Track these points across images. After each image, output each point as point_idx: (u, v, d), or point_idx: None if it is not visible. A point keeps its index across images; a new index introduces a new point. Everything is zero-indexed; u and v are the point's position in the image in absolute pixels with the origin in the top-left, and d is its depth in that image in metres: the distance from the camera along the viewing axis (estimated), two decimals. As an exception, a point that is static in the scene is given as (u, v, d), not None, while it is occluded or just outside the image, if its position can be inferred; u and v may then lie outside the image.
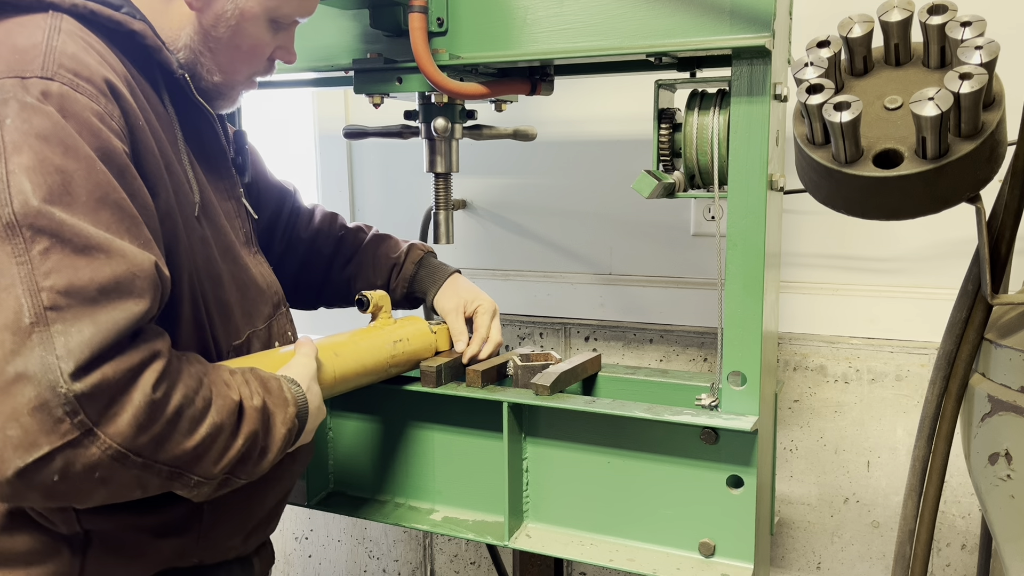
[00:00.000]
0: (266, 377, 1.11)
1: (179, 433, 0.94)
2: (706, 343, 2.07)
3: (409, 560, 2.52)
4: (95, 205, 0.90)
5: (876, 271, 1.90)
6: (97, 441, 0.87)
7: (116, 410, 0.88)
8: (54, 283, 0.86)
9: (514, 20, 1.42)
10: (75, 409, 0.85)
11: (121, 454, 0.89)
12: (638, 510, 1.44)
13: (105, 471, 0.89)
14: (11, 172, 0.87)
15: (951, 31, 1.05)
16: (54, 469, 0.86)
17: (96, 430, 0.86)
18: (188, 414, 0.95)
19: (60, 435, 0.85)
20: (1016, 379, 1.14)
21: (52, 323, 0.85)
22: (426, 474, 1.60)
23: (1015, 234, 1.16)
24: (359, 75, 1.56)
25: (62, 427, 0.85)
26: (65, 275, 0.86)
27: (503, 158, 2.21)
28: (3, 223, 0.86)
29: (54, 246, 0.87)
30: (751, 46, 1.26)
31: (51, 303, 0.85)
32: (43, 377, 0.84)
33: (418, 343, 1.53)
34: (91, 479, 0.88)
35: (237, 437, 1.02)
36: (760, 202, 1.31)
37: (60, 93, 0.92)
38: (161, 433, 0.92)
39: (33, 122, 0.90)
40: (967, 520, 1.89)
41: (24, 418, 0.84)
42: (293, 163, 2.65)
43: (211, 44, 1.15)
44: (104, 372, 0.87)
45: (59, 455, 0.85)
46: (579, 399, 1.45)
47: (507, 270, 2.26)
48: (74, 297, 0.86)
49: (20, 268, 0.85)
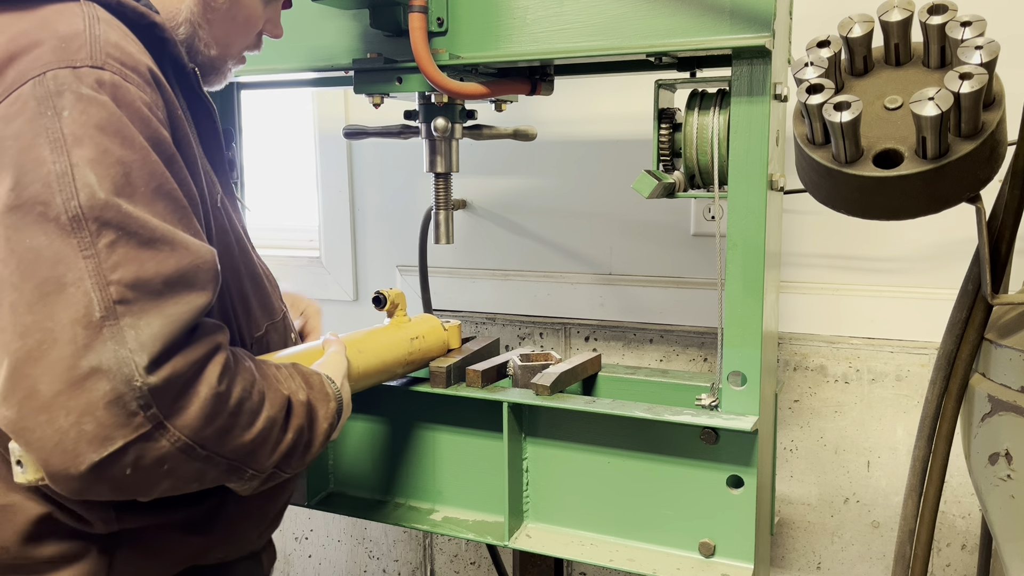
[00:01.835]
0: (307, 372, 1.12)
1: (239, 426, 0.95)
2: (706, 343, 2.07)
3: (409, 560, 2.52)
4: (152, 196, 0.90)
5: (876, 271, 1.90)
6: (167, 434, 0.87)
7: (184, 403, 0.89)
8: (122, 276, 0.86)
9: (514, 20, 1.42)
10: (148, 402, 0.85)
11: (188, 446, 0.90)
12: (638, 510, 1.44)
13: (172, 463, 0.89)
14: (75, 165, 0.86)
15: (951, 31, 1.05)
16: (126, 462, 0.86)
17: (167, 423, 0.87)
18: (247, 407, 0.96)
19: (134, 428, 0.85)
20: (1016, 379, 1.14)
21: (121, 316, 0.85)
22: (426, 474, 1.60)
23: (1015, 234, 1.16)
24: (359, 75, 1.56)
25: (136, 420, 0.85)
26: (132, 268, 0.87)
27: (503, 158, 2.21)
28: (69, 216, 0.85)
29: (120, 239, 0.87)
30: (751, 46, 1.26)
31: (119, 297, 0.85)
32: (118, 371, 0.84)
33: (432, 340, 1.55)
34: (159, 471, 0.89)
35: (288, 431, 1.03)
36: (760, 202, 1.31)
37: (112, 82, 0.92)
38: (224, 426, 0.93)
39: (90, 113, 0.89)
40: (967, 520, 1.89)
41: (99, 412, 0.84)
42: (293, 163, 2.65)
43: (209, 16, 1.15)
44: (175, 365, 0.87)
45: (132, 448, 0.86)
46: (579, 399, 1.45)
47: (507, 270, 2.26)
48: (141, 290, 0.87)
49: (87, 262, 0.85)
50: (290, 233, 2.64)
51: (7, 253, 0.86)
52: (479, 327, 2.31)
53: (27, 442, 0.85)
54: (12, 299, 0.85)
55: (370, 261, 2.44)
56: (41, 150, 0.87)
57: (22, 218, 0.86)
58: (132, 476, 0.87)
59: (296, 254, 2.58)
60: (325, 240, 2.48)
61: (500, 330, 2.29)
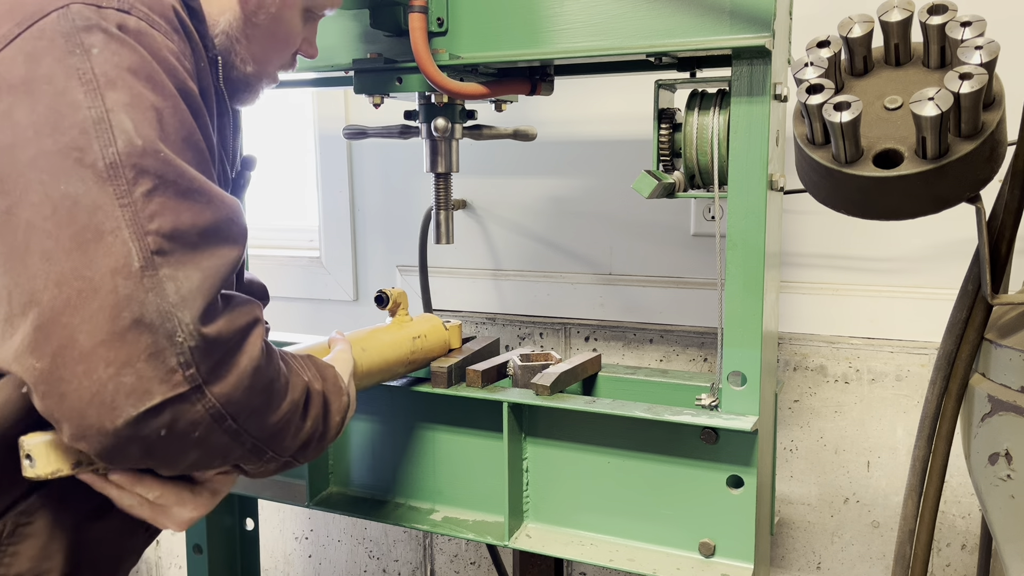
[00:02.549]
0: (321, 365, 1.10)
1: (270, 406, 0.93)
2: (706, 343, 2.07)
3: (409, 560, 2.52)
4: (183, 146, 0.88)
5: (876, 271, 1.90)
6: (204, 399, 0.85)
7: (225, 371, 0.86)
8: (159, 226, 0.83)
9: (514, 20, 1.42)
10: (189, 361, 0.83)
11: (221, 415, 0.87)
12: (638, 510, 1.44)
13: (204, 431, 0.87)
14: (110, 110, 0.84)
15: (951, 31, 1.05)
16: (162, 422, 0.83)
17: (204, 387, 0.85)
18: (277, 388, 0.94)
19: (172, 386, 0.82)
20: (1016, 379, 1.14)
21: (160, 267, 0.82)
22: (426, 474, 1.60)
23: (1015, 234, 1.16)
24: (359, 75, 1.56)
25: (175, 377, 0.82)
26: (169, 218, 0.84)
27: (503, 158, 2.21)
28: (107, 163, 0.83)
29: (157, 188, 0.84)
30: (751, 46, 1.26)
31: (157, 247, 0.83)
32: (161, 325, 0.81)
33: (434, 340, 1.55)
34: (191, 438, 0.86)
35: (307, 419, 1.01)
36: (760, 202, 1.31)
37: (138, 28, 0.89)
38: (257, 403, 0.91)
39: (122, 54, 0.86)
40: (967, 520, 1.89)
41: (140, 364, 0.81)
42: (293, 163, 2.65)
43: (249, 31, 1.13)
44: (219, 328, 0.85)
45: (169, 407, 0.83)
46: (579, 399, 1.45)
47: (507, 270, 2.26)
48: (178, 241, 0.84)
49: (124, 211, 0.82)
50: (290, 233, 2.64)
51: (41, 198, 0.83)
52: (479, 327, 2.31)
53: (61, 394, 0.81)
54: (46, 247, 0.82)
55: (370, 261, 2.44)
56: (75, 94, 0.84)
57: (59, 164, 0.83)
58: (165, 439, 0.84)
59: (296, 254, 2.58)
60: (325, 240, 2.48)
61: (500, 330, 2.29)
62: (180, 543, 2.82)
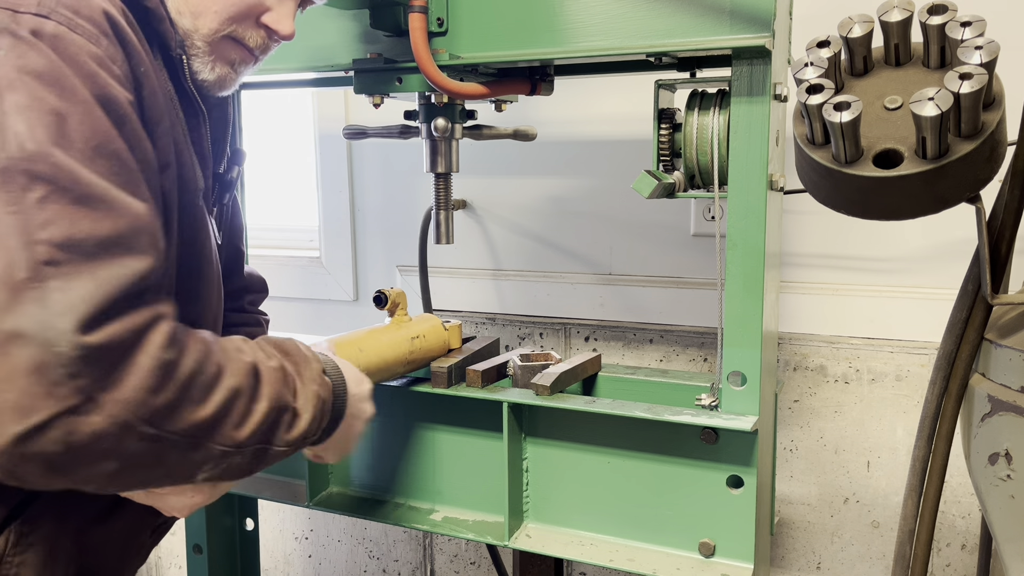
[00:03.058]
0: (279, 341, 1.05)
1: (191, 400, 0.86)
2: (706, 343, 2.07)
3: (409, 560, 2.52)
4: (92, 153, 0.83)
5: (876, 271, 1.90)
6: (99, 408, 0.79)
7: (121, 375, 0.80)
8: (51, 235, 0.78)
9: (514, 20, 1.42)
10: (74, 372, 0.77)
11: (127, 424, 0.81)
12: (638, 510, 1.44)
13: (111, 442, 0.81)
14: (5, 112, 0.80)
15: (951, 31, 1.05)
16: (54, 438, 0.78)
17: (98, 396, 0.79)
18: (200, 381, 0.88)
19: (58, 400, 0.77)
20: (1016, 379, 1.14)
21: (48, 279, 0.77)
22: (426, 474, 1.60)
23: (1015, 234, 1.16)
24: (359, 75, 1.56)
25: (60, 391, 0.77)
26: (63, 227, 0.79)
27: (503, 158, 2.21)
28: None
29: (51, 194, 0.79)
30: (751, 46, 1.26)
31: (47, 257, 0.78)
32: (40, 335, 0.76)
33: (433, 340, 1.54)
34: (97, 450, 0.81)
35: (258, 400, 0.94)
36: (760, 202, 1.31)
37: (54, 33, 0.85)
38: (172, 400, 0.84)
39: (28, 58, 0.82)
40: (967, 520, 1.89)
41: (20, 380, 0.76)
42: (293, 163, 2.65)
43: None
44: (108, 332, 0.79)
45: (58, 422, 0.77)
46: (579, 399, 1.45)
47: (507, 270, 2.26)
48: (72, 251, 0.79)
49: (14, 218, 0.78)
50: (290, 233, 2.64)
51: None
52: (479, 327, 2.31)
53: None
54: None
55: (370, 261, 2.44)
56: None
57: None
58: (65, 455, 0.79)
59: (296, 254, 2.58)
60: (325, 240, 2.48)
61: (500, 330, 2.29)
62: (180, 543, 2.82)
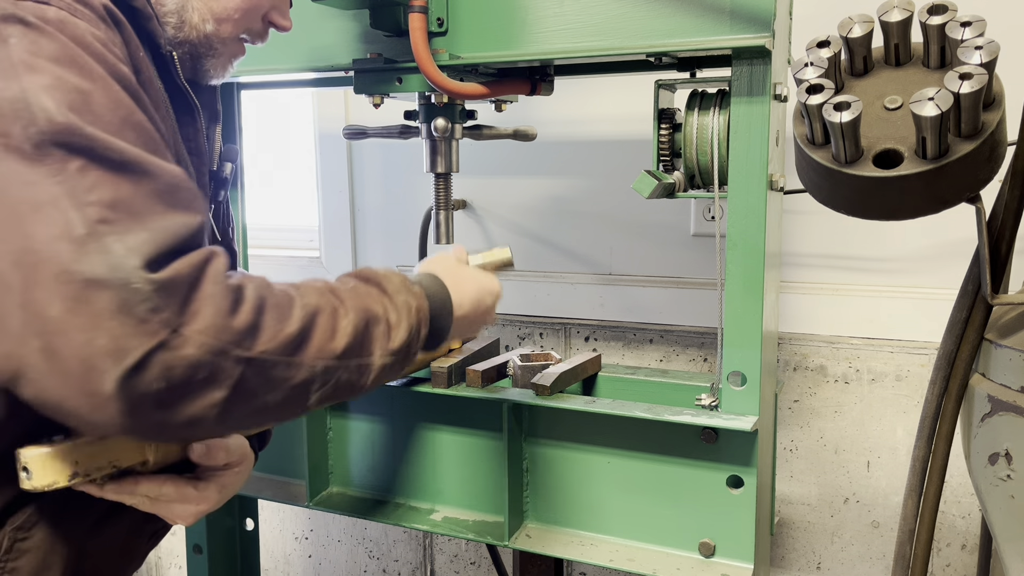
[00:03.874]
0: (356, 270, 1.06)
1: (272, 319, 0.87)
2: (706, 343, 2.07)
3: (409, 560, 2.52)
4: (119, 125, 0.85)
5: (876, 271, 1.90)
6: (187, 339, 0.80)
7: (196, 305, 0.81)
8: (99, 197, 0.80)
9: (514, 20, 1.42)
10: (156, 306, 0.78)
11: (217, 349, 0.82)
12: (638, 510, 1.44)
13: (209, 369, 0.81)
14: (28, 90, 0.81)
15: (951, 31, 1.05)
16: (154, 375, 0.78)
17: (183, 328, 0.80)
18: (273, 302, 0.88)
19: (148, 336, 0.78)
20: (1016, 379, 1.14)
21: (105, 235, 0.79)
22: (426, 474, 1.60)
23: (1015, 234, 1.16)
24: (359, 75, 1.56)
25: (148, 327, 0.78)
26: (107, 190, 0.81)
27: (503, 158, 2.21)
28: (32, 144, 0.80)
29: (89, 164, 0.81)
30: (751, 46, 1.26)
31: (100, 217, 0.79)
32: (114, 277, 0.77)
33: None
34: (197, 380, 0.81)
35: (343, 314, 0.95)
36: (760, 202, 1.31)
37: (58, 18, 0.86)
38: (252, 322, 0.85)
39: (41, 43, 0.83)
40: (967, 520, 1.89)
41: (107, 323, 0.77)
42: (293, 163, 2.65)
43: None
44: (172, 268, 0.81)
45: (154, 358, 0.78)
46: (579, 399, 1.45)
47: (507, 270, 2.26)
48: (121, 211, 0.81)
49: (61, 187, 0.79)
50: (290, 233, 2.64)
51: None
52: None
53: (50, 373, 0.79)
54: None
55: (370, 261, 2.44)
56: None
57: None
58: (169, 391, 0.80)
59: (296, 254, 2.58)
60: (325, 240, 2.48)
61: (500, 330, 2.29)
62: (180, 543, 2.82)
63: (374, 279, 1.05)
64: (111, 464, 0.94)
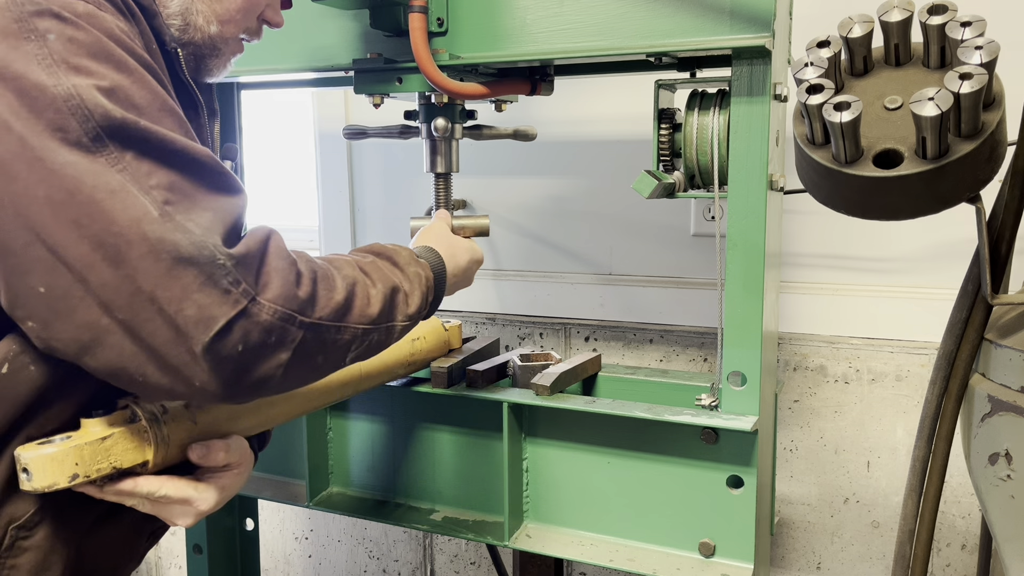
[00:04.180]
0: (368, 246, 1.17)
1: (325, 290, 0.98)
2: (706, 343, 2.07)
3: (409, 560, 2.52)
4: (158, 113, 0.90)
5: (876, 271, 1.90)
6: (262, 307, 0.89)
7: (267, 277, 0.91)
8: (159, 182, 0.87)
9: (514, 20, 1.42)
10: (236, 279, 0.88)
11: (287, 315, 0.91)
12: (638, 510, 1.44)
13: (279, 334, 0.91)
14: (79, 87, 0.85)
15: (951, 31, 1.05)
16: (236, 339, 0.88)
17: (259, 297, 0.89)
18: (321, 275, 0.98)
19: (231, 305, 0.87)
20: (1016, 379, 1.14)
21: (174, 215, 0.86)
22: (426, 474, 1.60)
23: (1015, 234, 1.16)
24: (359, 75, 1.56)
25: (231, 297, 0.87)
26: (164, 176, 0.87)
27: (503, 158, 2.21)
28: (89, 138, 0.85)
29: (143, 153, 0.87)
30: (751, 46, 1.26)
31: (164, 199, 0.86)
32: (198, 254, 0.85)
33: (433, 341, 1.55)
34: (269, 344, 0.91)
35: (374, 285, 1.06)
36: (760, 202, 1.31)
37: (88, 12, 0.90)
38: (311, 292, 0.95)
39: (78, 38, 0.87)
40: (967, 520, 1.89)
41: (196, 295, 0.85)
42: (293, 163, 2.65)
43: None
44: (243, 244, 0.90)
45: (236, 324, 0.87)
46: (579, 399, 1.45)
47: (507, 270, 2.26)
48: (180, 193, 0.87)
49: (123, 174, 0.85)
50: (290, 233, 2.63)
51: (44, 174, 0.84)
52: (479, 327, 2.31)
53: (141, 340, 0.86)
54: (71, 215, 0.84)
55: (370, 261, 2.44)
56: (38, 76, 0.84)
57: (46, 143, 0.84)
58: (247, 353, 0.89)
59: (296, 254, 2.58)
60: (325, 240, 2.48)
61: (500, 330, 2.29)
62: (180, 543, 2.82)
63: (385, 253, 1.16)
64: (111, 465, 0.94)
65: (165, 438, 0.99)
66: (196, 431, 1.03)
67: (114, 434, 0.94)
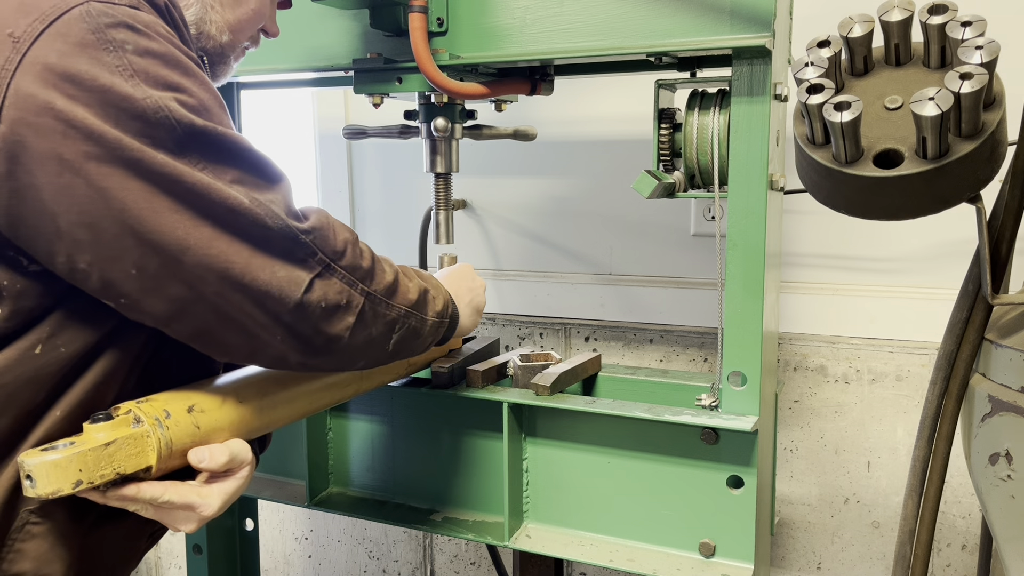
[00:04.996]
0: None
1: (379, 269, 1.12)
2: (706, 343, 2.07)
3: (409, 560, 2.52)
4: (220, 111, 1.00)
5: (876, 271, 1.90)
6: (336, 272, 1.04)
7: (336, 249, 1.05)
8: (232, 177, 0.97)
9: (514, 20, 1.42)
10: (313, 249, 1.02)
11: (353, 281, 1.06)
12: (638, 510, 1.44)
13: (348, 296, 1.05)
14: (163, 99, 0.92)
15: (951, 31, 1.05)
16: (317, 297, 1.02)
17: (332, 265, 1.04)
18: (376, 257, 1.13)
19: (311, 268, 1.01)
20: (1016, 379, 1.14)
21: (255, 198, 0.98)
22: (426, 474, 1.60)
23: (1015, 234, 1.16)
24: (359, 75, 1.56)
25: (311, 263, 1.02)
26: (236, 172, 0.98)
27: (503, 158, 2.21)
28: (175, 143, 0.93)
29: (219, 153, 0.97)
30: (751, 46, 1.26)
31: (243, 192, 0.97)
32: (280, 230, 0.98)
33: None
34: (341, 305, 1.05)
35: (411, 278, 1.21)
36: (760, 202, 1.31)
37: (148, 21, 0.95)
38: (371, 266, 1.10)
39: (152, 47, 0.94)
40: (967, 520, 1.89)
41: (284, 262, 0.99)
42: (293, 163, 2.65)
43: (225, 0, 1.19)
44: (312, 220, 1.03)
45: (316, 284, 1.02)
46: (579, 399, 1.45)
47: (507, 270, 2.26)
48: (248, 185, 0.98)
49: (205, 172, 0.95)
50: (290, 233, 2.64)
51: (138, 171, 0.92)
52: (479, 327, 2.31)
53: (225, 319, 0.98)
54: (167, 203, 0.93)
55: (370, 261, 2.44)
56: (123, 88, 0.90)
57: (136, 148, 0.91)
58: (326, 309, 1.03)
59: (296, 254, 2.58)
60: (325, 240, 2.47)
61: (500, 330, 2.29)
62: (180, 543, 2.82)
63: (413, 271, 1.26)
64: (115, 471, 0.94)
65: (168, 443, 0.98)
66: (199, 436, 1.02)
67: (118, 439, 0.94)
